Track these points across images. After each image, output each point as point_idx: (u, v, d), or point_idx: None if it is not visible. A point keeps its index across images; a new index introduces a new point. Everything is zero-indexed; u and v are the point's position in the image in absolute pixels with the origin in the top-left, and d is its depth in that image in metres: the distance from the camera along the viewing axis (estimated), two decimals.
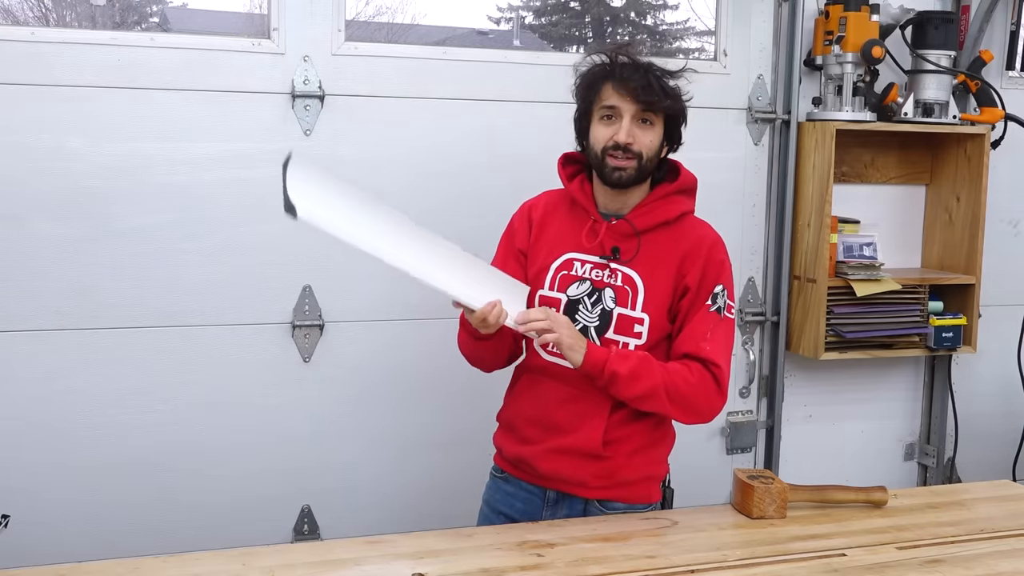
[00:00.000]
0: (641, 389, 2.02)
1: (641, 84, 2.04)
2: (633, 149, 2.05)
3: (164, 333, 2.69)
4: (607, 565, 1.85)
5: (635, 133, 2.05)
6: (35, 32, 2.56)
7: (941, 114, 3.23)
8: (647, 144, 2.06)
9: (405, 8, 3.30)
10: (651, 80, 2.05)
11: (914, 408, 3.55)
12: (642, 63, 2.07)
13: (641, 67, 2.06)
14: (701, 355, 2.06)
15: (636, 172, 2.07)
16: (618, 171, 2.06)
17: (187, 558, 1.84)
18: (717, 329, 2.09)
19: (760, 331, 3.28)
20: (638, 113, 2.05)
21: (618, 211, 2.14)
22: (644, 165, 2.07)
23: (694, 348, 2.07)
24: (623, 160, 2.06)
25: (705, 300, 2.09)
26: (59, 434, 2.64)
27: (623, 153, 2.05)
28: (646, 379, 2.02)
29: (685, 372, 2.05)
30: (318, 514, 2.87)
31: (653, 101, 2.04)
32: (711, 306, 2.09)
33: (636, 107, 2.05)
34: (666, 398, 2.03)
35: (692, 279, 2.10)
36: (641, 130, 2.06)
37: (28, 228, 2.56)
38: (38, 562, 1.89)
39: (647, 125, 2.07)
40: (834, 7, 3.09)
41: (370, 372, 2.86)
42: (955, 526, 2.11)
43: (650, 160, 2.08)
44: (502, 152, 2.90)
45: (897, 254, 3.40)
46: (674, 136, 2.13)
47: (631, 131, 2.05)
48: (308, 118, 2.74)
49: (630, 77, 2.04)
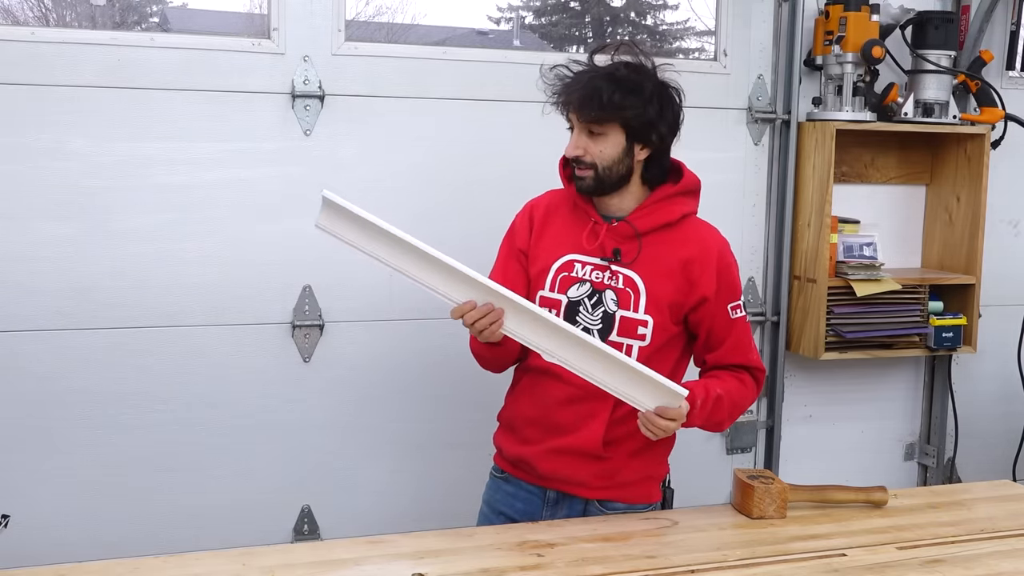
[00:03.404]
0: (716, 422, 2.13)
1: (579, 98, 2.05)
2: (585, 160, 2.08)
3: (164, 333, 2.69)
4: (607, 565, 1.85)
5: (586, 144, 2.08)
6: (35, 32, 2.56)
7: (941, 114, 3.23)
8: (598, 153, 2.08)
9: (405, 8, 3.30)
10: (593, 91, 2.04)
11: (914, 408, 3.55)
12: (591, 71, 2.08)
13: (584, 78, 2.07)
14: (751, 365, 2.18)
15: (594, 181, 2.10)
16: (579, 180, 2.12)
17: (187, 558, 1.84)
18: (751, 334, 2.23)
19: (760, 331, 3.28)
20: (585, 126, 2.08)
21: (615, 213, 2.14)
22: (602, 174, 2.09)
23: (744, 359, 2.17)
24: (581, 170, 2.10)
25: (729, 309, 2.14)
26: (59, 434, 2.64)
27: (577, 164, 2.10)
28: (716, 419, 2.11)
29: (742, 389, 2.15)
30: (318, 514, 2.87)
31: (592, 115, 2.05)
32: (740, 314, 2.16)
33: (581, 122, 2.08)
34: (723, 425, 2.17)
35: (707, 288, 2.10)
36: (592, 140, 2.08)
37: (28, 228, 2.56)
38: (38, 562, 1.89)
39: (598, 136, 2.08)
40: (834, 7, 3.09)
41: (370, 372, 2.86)
42: (955, 526, 2.10)
43: (608, 168, 2.08)
44: (502, 152, 2.91)
45: (897, 254, 3.40)
46: (646, 137, 2.09)
47: (579, 143, 2.09)
48: (308, 118, 2.74)
49: (573, 92, 2.07)
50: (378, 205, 2.78)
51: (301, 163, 2.75)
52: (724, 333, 2.14)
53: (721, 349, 2.15)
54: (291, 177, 2.74)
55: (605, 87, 2.04)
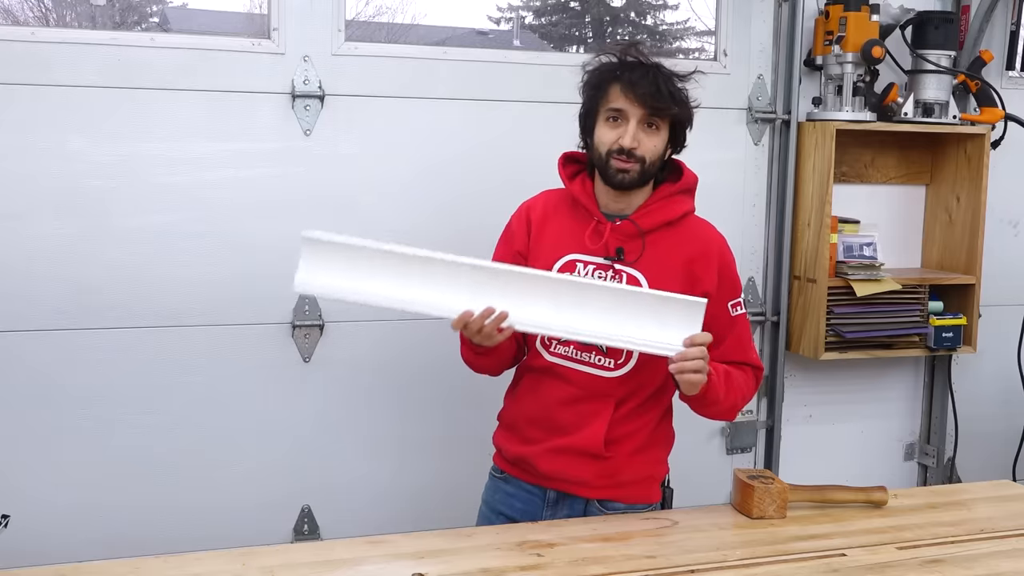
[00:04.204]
0: (726, 404, 2.10)
1: (650, 89, 2.02)
2: (637, 154, 2.04)
3: (164, 333, 2.69)
4: (607, 565, 1.85)
5: (640, 137, 2.04)
6: (35, 32, 2.56)
7: (941, 114, 3.23)
8: (651, 149, 2.06)
9: (405, 8, 3.30)
10: (660, 84, 2.03)
11: (914, 408, 3.56)
12: (651, 65, 2.06)
13: (650, 70, 2.05)
14: (751, 362, 2.19)
15: (639, 176, 2.07)
16: (622, 173, 2.06)
17: (187, 558, 1.84)
18: (750, 332, 2.23)
19: (760, 331, 3.28)
20: (644, 117, 2.04)
21: (621, 211, 2.13)
22: (647, 169, 2.07)
23: (743, 357, 2.17)
24: (627, 163, 2.05)
25: (729, 305, 2.14)
26: (59, 434, 2.64)
27: (627, 157, 2.05)
28: (730, 399, 2.10)
29: (745, 378, 2.16)
30: (318, 514, 2.87)
31: (660, 107, 2.04)
32: (740, 311, 2.16)
33: (643, 112, 2.04)
34: (734, 409, 2.15)
35: (710, 285, 2.11)
36: (646, 134, 2.05)
37: (28, 228, 2.56)
38: (38, 562, 1.88)
39: (652, 130, 2.06)
40: (834, 7, 3.09)
41: (370, 372, 2.86)
42: (955, 526, 2.10)
43: (653, 164, 2.08)
44: (502, 152, 2.90)
45: (897, 254, 3.40)
46: (679, 139, 2.13)
47: (636, 135, 2.04)
48: (308, 118, 2.74)
49: (639, 81, 2.03)
50: (378, 205, 2.82)
51: (301, 163, 2.74)
52: (725, 331, 2.13)
53: (722, 347, 2.14)
54: (291, 177, 2.74)
55: (669, 81, 2.05)
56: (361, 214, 2.79)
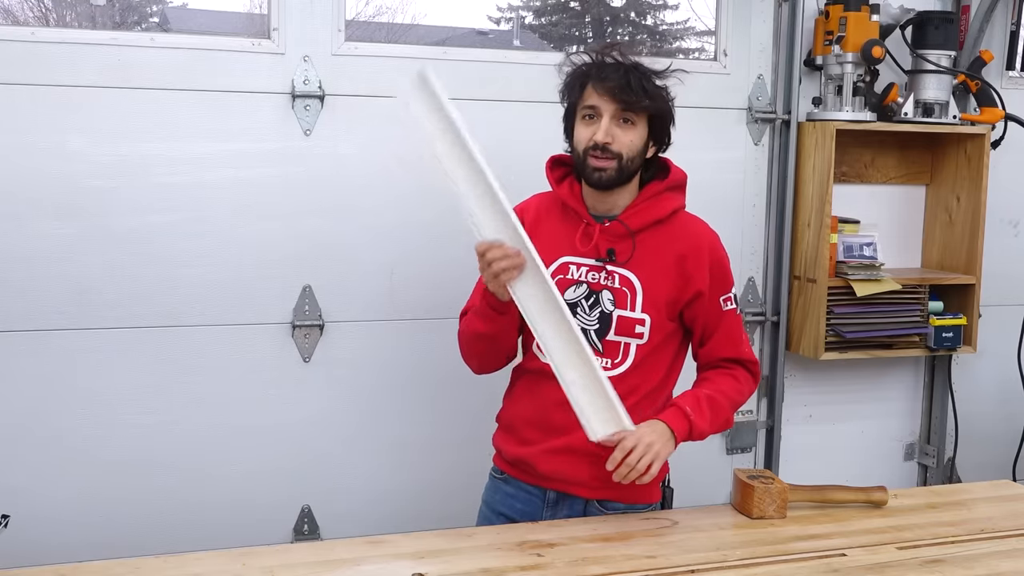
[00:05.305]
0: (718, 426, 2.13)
1: (620, 83, 2.03)
2: (612, 149, 2.04)
3: (164, 333, 2.69)
4: (607, 565, 1.85)
5: (614, 133, 2.04)
6: (35, 32, 2.56)
7: (941, 114, 3.23)
8: (627, 144, 2.05)
9: (405, 8, 3.30)
10: (631, 80, 2.03)
11: (914, 408, 3.55)
12: (624, 63, 2.07)
13: (622, 67, 2.06)
14: (743, 358, 2.19)
15: (616, 173, 2.06)
16: (598, 171, 2.06)
17: (187, 558, 1.84)
18: (742, 327, 2.22)
19: (760, 331, 3.28)
20: (618, 112, 2.04)
21: (608, 212, 2.13)
22: (624, 165, 2.06)
23: (735, 352, 2.18)
24: (603, 160, 2.05)
25: (721, 301, 2.14)
26: (59, 434, 2.64)
27: (602, 153, 2.04)
28: (722, 417, 2.12)
29: (737, 384, 2.17)
30: (318, 514, 2.87)
31: (632, 100, 2.03)
32: (731, 306, 2.15)
33: (615, 106, 2.04)
34: (728, 423, 2.17)
35: (702, 282, 2.11)
36: (621, 130, 2.05)
37: (28, 228, 2.56)
38: (38, 562, 1.88)
39: (628, 125, 2.06)
40: (834, 7, 3.09)
41: (370, 372, 2.86)
42: (955, 526, 2.10)
43: (631, 160, 2.07)
44: (502, 152, 2.85)
45: (897, 254, 3.40)
46: (660, 136, 2.12)
47: (609, 130, 2.04)
48: (308, 118, 2.74)
49: (609, 76, 2.04)
50: (378, 204, 2.81)
51: (301, 163, 2.74)
52: (714, 326, 2.14)
53: (711, 342, 2.15)
54: (291, 177, 2.74)
55: (643, 76, 2.05)
56: (361, 214, 2.79)
